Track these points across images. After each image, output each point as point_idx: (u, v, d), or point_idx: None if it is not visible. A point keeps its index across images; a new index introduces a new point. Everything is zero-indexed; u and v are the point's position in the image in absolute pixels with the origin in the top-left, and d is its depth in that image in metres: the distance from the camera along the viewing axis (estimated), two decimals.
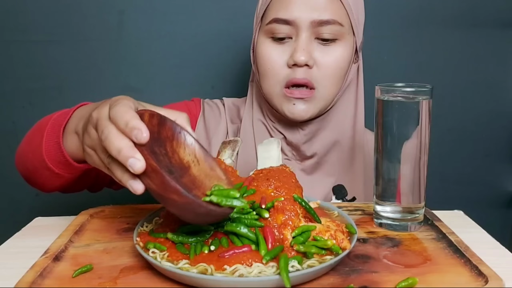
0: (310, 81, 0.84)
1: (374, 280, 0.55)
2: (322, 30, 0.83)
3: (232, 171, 0.70)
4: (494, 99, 1.35)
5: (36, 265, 0.58)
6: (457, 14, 1.30)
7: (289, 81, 0.84)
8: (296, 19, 0.82)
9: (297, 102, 0.85)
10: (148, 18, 1.26)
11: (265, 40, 0.87)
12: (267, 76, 0.87)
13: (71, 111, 0.73)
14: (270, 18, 0.85)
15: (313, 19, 0.82)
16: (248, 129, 0.94)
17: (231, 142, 0.76)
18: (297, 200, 0.61)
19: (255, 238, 0.56)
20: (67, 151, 0.71)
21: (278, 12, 0.84)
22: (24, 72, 1.27)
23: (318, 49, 0.84)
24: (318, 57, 0.84)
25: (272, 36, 0.86)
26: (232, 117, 0.98)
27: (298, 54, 0.82)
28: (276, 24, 0.84)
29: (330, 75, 0.85)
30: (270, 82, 0.87)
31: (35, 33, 1.25)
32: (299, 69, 0.83)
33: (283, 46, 0.85)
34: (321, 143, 0.92)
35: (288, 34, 0.84)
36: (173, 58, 1.28)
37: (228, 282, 0.51)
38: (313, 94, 0.85)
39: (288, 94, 0.85)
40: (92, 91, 1.28)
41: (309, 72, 0.84)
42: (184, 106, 0.98)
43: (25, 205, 1.29)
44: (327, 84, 0.85)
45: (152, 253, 0.57)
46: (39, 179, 0.78)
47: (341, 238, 0.58)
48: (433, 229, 0.70)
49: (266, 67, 0.87)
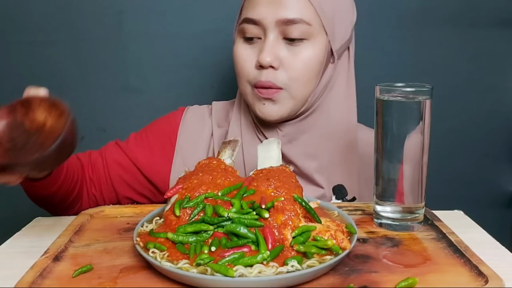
0: (274, 83, 0.83)
1: (374, 280, 0.55)
2: (289, 30, 0.82)
3: (232, 171, 0.70)
4: (493, 99, 1.35)
5: (36, 265, 0.58)
6: (457, 14, 1.30)
7: (256, 83, 0.84)
8: (262, 19, 0.82)
9: (267, 102, 0.85)
10: (148, 18, 1.26)
11: (239, 41, 0.87)
12: (240, 76, 0.88)
13: None
14: (242, 17, 0.86)
15: (278, 19, 0.81)
16: (236, 131, 0.93)
17: (231, 142, 0.76)
18: (297, 200, 0.61)
19: (255, 238, 0.57)
20: None
21: (247, 12, 0.84)
22: (24, 72, 1.27)
23: (285, 49, 0.83)
24: (285, 57, 0.83)
25: (244, 36, 0.86)
26: (219, 121, 0.97)
27: (263, 55, 0.82)
28: (246, 24, 0.84)
29: (297, 76, 0.84)
30: (242, 82, 0.88)
31: (35, 33, 1.25)
32: (264, 71, 0.83)
33: (252, 46, 0.85)
34: (304, 146, 0.90)
35: (256, 34, 0.84)
36: (172, 58, 1.28)
37: (228, 282, 0.51)
38: (279, 94, 0.84)
39: (257, 93, 0.85)
40: (92, 91, 1.28)
41: (275, 74, 0.83)
42: (165, 119, 0.99)
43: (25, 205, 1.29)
44: (295, 85, 0.84)
45: (152, 253, 0.57)
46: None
47: (341, 238, 0.58)
48: (433, 229, 0.70)
49: (238, 67, 0.87)
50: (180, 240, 0.58)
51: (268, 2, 0.82)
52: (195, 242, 0.57)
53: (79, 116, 0.62)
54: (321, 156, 0.90)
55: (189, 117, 0.98)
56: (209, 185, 0.65)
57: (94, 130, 1.27)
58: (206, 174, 0.67)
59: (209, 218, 0.59)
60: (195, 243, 0.57)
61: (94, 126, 1.28)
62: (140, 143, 0.96)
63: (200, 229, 0.59)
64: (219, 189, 0.65)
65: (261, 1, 0.82)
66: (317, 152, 0.90)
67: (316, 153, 0.90)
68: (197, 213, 0.61)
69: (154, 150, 0.95)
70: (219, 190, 0.64)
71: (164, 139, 0.96)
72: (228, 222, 0.59)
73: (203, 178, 0.66)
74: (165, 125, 0.98)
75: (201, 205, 0.62)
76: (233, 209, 0.60)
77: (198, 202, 0.62)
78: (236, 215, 0.59)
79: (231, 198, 0.62)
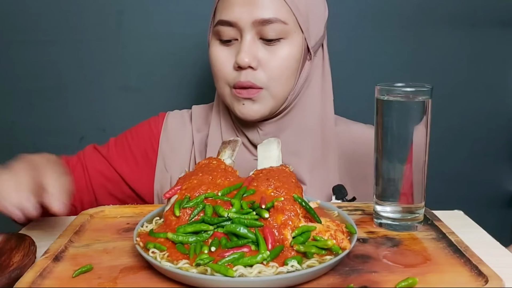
0: (254, 83, 0.83)
1: (374, 280, 0.55)
2: (266, 30, 0.82)
3: (232, 171, 0.70)
4: (493, 99, 1.35)
5: (36, 265, 0.58)
6: (457, 13, 1.30)
7: (235, 84, 0.84)
8: (238, 21, 0.82)
9: (246, 102, 0.85)
10: (147, 18, 1.26)
11: (214, 42, 0.87)
12: (217, 77, 0.87)
13: None
14: (216, 20, 0.85)
15: (254, 19, 0.81)
16: (216, 134, 0.93)
17: (231, 142, 0.76)
18: (297, 200, 0.61)
19: (255, 238, 0.56)
20: None
21: (222, 14, 0.84)
22: (23, 72, 1.27)
23: (263, 49, 0.83)
24: (263, 57, 0.83)
25: (220, 39, 0.86)
26: (199, 126, 0.97)
27: (241, 56, 0.81)
28: (221, 26, 0.84)
29: (276, 75, 0.84)
30: (220, 83, 0.87)
31: (35, 33, 1.25)
32: (243, 71, 0.83)
33: (229, 48, 0.85)
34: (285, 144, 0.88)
35: (233, 36, 0.84)
36: (172, 58, 1.28)
37: (228, 282, 0.51)
38: (260, 94, 0.84)
39: (237, 94, 0.85)
40: (91, 91, 1.28)
41: (254, 74, 0.83)
42: (145, 126, 0.98)
43: None
44: (274, 84, 0.84)
45: (152, 253, 0.57)
46: None
47: (341, 238, 0.58)
48: (433, 229, 0.70)
49: (215, 69, 0.87)
50: (180, 240, 0.58)
51: (243, 3, 0.81)
52: (195, 242, 0.57)
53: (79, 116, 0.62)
54: (302, 153, 0.91)
55: (170, 123, 0.98)
56: (209, 185, 0.65)
57: (94, 130, 1.28)
58: (206, 174, 0.67)
59: (209, 218, 0.59)
60: (195, 243, 0.57)
61: (94, 126, 1.28)
62: (122, 151, 0.96)
63: (200, 229, 0.59)
64: (219, 189, 0.65)
65: (235, 3, 0.82)
66: (298, 148, 0.91)
67: (297, 149, 0.90)
68: (197, 213, 0.61)
69: (137, 159, 0.95)
70: (219, 190, 0.64)
71: (146, 146, 0.96)
72: (228, 222, 0.59)
73: (203, 178, 0.66)
74: (146, 132, 0.98)
75: (201, 205, 0.62)
76: (233, 209, 0.60)
77: (198, 202, 0.62)
78: (236, 215, 0.59)
79: (231, 198, 0.62)
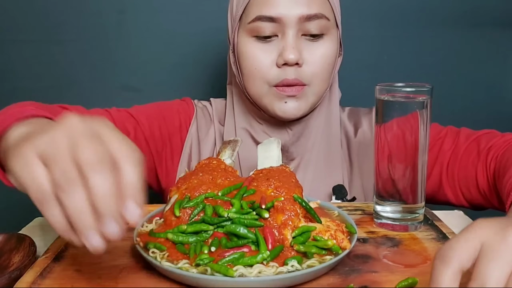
0: (301, 80, 0.82)
1: (374, 280, 0.55)
2: (309, 26, 0.81)
3: (232, 171, 0.70)
4: (494, 99, 1.35)
5: (36, 265, 0.58)
6: (457, 14, 1.30)
7: (280, 82, 0.82)
8: (283, 16, 0.80)
9: (289, 100, 0.84)
10: (148, 18, 1.26)
11: (248, 40, 0.84)
12: (254, 76, 0.84)
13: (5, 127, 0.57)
14: (252, 16, 0.82)
15: (300, 15, 0.80)
16: (231, 132, 0.93)
17: (231, 142, 0.76)
18: (297, 200, 0.61)
19: (255, 238, 0.56)
20: None
21: (262, 9, 0.81)
22: (24, 72, 1.27)
23: (306, 46, 0.83)
24: (307, 54, 0.82)
25: (257, 35, 0.83)
26: (220, 119, 0.97)
27: (288, 52, 0.80)
28: (260, 22, 0.81)
29: (320, 71, 0.84)
30: (257, 82, 0.84)
31: (35, 33, 1.25)
32: (289, 68, 0.81)
33: (269, 45, 0.83)
34: (306, 143, 0.91)
35: (273, 32, 0.82)
36: (173, 57, 1.28)
37: (228, 282, 0.51)
38: (304, 91, 0.83)
39: (280, 91, 0.83)
40: (92, 91, 1.28)
41: (299, 71, 0.82)
42: (175, 107, 0.96)
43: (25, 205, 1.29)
44: (317, 81, 0.84)
45: (152, 253, 0.57)
46: None
47: (341, 238, 0.58)
48: (433, 229, 0.70)
49: (252, 68, 0.84)
50: (180, 240, 0.58)
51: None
52: (195, 242, 0.57)
53: None
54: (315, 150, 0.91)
55: (199, 112, 0.97)
56: (209, 185, 0.65)
57: None
58: (206, 174, 0.67)
59: (209, 218, 0.59)
60: (195, 243, 0.57)
61: None
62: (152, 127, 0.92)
63: (200, 229, 0.59)
64: (219, 189, 0.65)
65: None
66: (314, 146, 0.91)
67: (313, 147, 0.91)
68: (197, 213, 0.61)
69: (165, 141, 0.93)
70: (219, 190, 0.64)
71: (175, 131, 0.94)
72: (228, 222, 0.59)
73: (203, 178, 0.66)
74: (177, 119, 0.95)
75: (201, 205, 0.62)
76: (233, 209, 0.60)
77: (198, 202, 0.62)
78: (236, 215, 0.59)
79: (231, 198, 0.62)
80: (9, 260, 0.64)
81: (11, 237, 0.68)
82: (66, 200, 0.41)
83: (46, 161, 0.42)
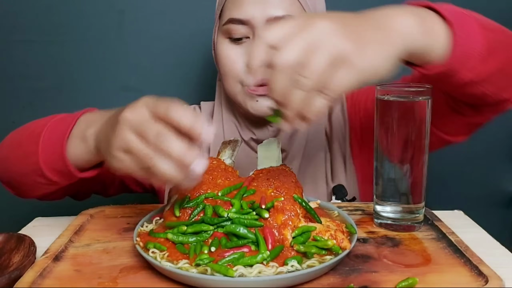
0: None
1: (374, 280, 0.55)
2: None
3: (232, 171, 0.70)
4: None
5: (36, 265, 0.58)
6: None
7: (250, 83, 0.84)
8: (251, 19, 0.81)
9: (260, 98, 0.84)
10: (148, 18, 1.26)
11: (223, 41, 0.86)
12: (228, 76, 0.87)
13: (74, 119, 0.70)
14: (225, 18, 0.85)
15: (268, 17, 0.81)
16: (218, 130, 0.94)
17: (231, 142, 0.76)
18: (297, 200, 0.61)
19: (255, 239, 0.56)
20: (70, 157, 0.68)
21: (233, 12, 0.83)
22: (24, 72, 1.27)
23: None
24: None
25: (230, 37, 0.85)
26: (208, 120, 0.97)
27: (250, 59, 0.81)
28: (232, 24, 0.83)
29: None
30: (231, 81, 0.87)
31: (35, 33, 1.25)
32: None
33: (241, 46, 0.85)
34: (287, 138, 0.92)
35: (244, 34, 0.84)
36: (173, 57, 1.28)
37: (228, 282, 0.51)
38: None
39: (251, 91, 0.84)
40: (92, 91, 1.28)
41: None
42: None
43: (25, 205, 1.29)
44: None
45: (152, 253, 0.57)
46: (24, 186, 0.76)
47: (341, 238, 0.58)
48: (433, 229, 0.70)
49: (226, 68, 0.86)
50: (180, 240, 0.58)
51: (255, 1, 0.81)
52: (195, 242, 0.57)
53: None
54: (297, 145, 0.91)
55: None
56: (209, 185, 0.65)
57: None
58: (206, 174, 0.67)
59: (209, 218, 0.59)
60: (195, 243, 0.57)
61: None
62: None
63: (200, 230, 0.59)
64: (219, 189, 0.65)
65: (247, 1, 0.82)
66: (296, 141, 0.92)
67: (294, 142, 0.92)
68: (197, 214, 0.61)
69: None
70: (219, 190, 0.64)
71: None
72: (228, 222, 0.59)
73: (203, 178, 0.66)
74: None
75: (201, 205, 0.62)
76: (233, 209, 0.60)
77: (198, 202, 0.62)
78: (236, 215, 0.59)
79: (231, 198, 0.62)
80: (9, 260, 0.64)
81: (11, 237, 0.68)
82: (167, 149, 0.52)
83: (138, 131, 0.54)
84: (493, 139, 1.37)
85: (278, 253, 0.55)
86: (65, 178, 0.71)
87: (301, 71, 0.49)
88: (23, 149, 0.73)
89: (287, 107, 0.51)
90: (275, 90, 0.51)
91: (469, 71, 0.62)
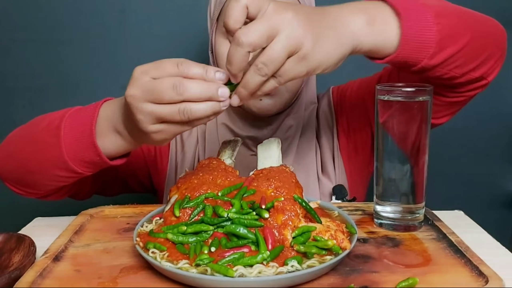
0: None
1: (374, 280, 0.55)
2: None
3: (232, 171, 0.70)
4: (494, 99, 1.35)
5: (36, 265, 0.58)
6: None
7: None
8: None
9: (263, 97, 0.85)
10: (148, 18, 1.26)
11: (223, 41, 0.87)
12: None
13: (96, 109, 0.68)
14: None
15: None
16: (213, 132, 0.94)
17: (231, 142, 0.76)
18: (297, 200, 0.61)
19: (255, 239, 0.56)
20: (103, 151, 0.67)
21: None
22: (24, 72, 1.27)
23: None
24: None
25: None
26: None
27: None
28: None
29: None
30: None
31: (35, 33, 1.25)
32: None
33: None
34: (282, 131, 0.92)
35: None
36: (173, 57, 1.28)
37: (228, 282, 0.51)
38: (278, 88, 0.84)
39: None
40: (92, 91, 1.28)
41: None
42: None
43: (25, 205, 1.29)
44: None
45: (152, 253, 0.57)
46: (38, 181, 0.74)
47: (341, 238, 0.58)
48: (433, 229, 0.70)
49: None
50: (180, 240, 0.58)
51: None
52: (195, 242, 0.57)
53: None
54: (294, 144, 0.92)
55: None
56: (209, 185, 0.65)
57: None
58: (207, 174, 0.67)
59: (208, 218, 0.59)
60: (195, 243, 0.57)
61: None
62: None
63: (200, 230, 0.59)
64: (219, 189, 0.64)
65: None
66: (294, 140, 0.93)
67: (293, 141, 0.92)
68: (197, 214, 0.61)
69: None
70: (219, 190, 0.64)
71: None
72: (228, 222, 0.59)
73: (203, 178, 0.66)
74: None
75: (201, 205, 0.62)
76: (233, 209, 0.60)
77: (198, 202, 0.62)
78: (236, 215, 0.59)
79: (231, 198, 0.62)
80: (9, 260, 0.64)
81: (11, 237, 0.68)
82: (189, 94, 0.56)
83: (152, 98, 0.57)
84: (494, 139, 1.37)
85: (278, 253, 0.55)
86: (92, 168, 0.70)
87: (260, 57, 0.53)
88: (40, 144, 0.71)
89: (243, 85, 0.56)
90: (232, 63, 0.54)
91: (428, 59, 0.64)
